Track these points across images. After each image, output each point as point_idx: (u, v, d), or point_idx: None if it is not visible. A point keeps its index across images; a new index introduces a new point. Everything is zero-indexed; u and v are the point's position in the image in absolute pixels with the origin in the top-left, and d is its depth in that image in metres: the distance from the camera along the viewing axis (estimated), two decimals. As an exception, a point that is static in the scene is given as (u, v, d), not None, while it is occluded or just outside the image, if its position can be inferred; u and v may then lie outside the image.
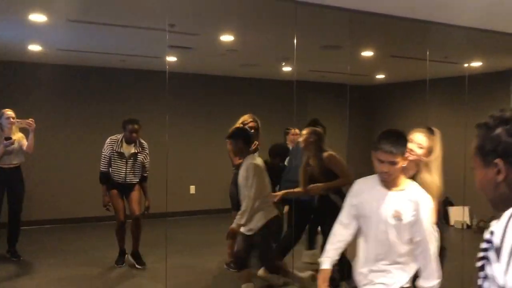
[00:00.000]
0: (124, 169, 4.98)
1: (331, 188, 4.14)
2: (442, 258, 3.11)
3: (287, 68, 6.71)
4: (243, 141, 3.91)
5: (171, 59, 5.76)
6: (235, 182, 4.36)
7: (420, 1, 3.47)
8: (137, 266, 5.00)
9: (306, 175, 4.26)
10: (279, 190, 4.69)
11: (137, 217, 4.97)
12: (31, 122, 4.87)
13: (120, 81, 7.03)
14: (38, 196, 6.36)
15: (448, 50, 5.36)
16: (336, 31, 4.43)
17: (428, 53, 4.65)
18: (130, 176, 5.00)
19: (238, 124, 4.88)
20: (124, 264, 5.09)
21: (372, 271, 2.40)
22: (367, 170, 2.57)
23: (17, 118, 4.92)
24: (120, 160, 4.96)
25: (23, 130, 5.05)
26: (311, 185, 4.18)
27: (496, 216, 4.13)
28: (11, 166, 5.00)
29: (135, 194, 5.03)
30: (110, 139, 5.02)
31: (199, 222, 7.04)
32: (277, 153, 4.99)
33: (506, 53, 5.68)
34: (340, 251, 2.52)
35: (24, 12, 3.87)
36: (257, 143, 4.76)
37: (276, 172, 4.81)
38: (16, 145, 4.95)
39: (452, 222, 7.38)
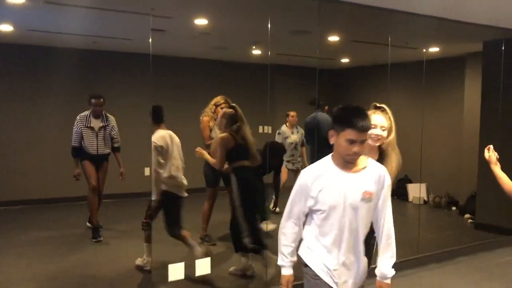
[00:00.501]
0: (96, 142, 5.42)
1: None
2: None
3: (256, 52, 6.94)
4: None
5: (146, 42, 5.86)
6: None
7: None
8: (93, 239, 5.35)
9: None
10: None
11: (100, 191, 5.50)
12: None
13: (91, 62, 7.05)
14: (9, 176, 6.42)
15: (408, 37, 5.72)
16: (305, 17, 4.68)
17: (390, 39, 4.96)
18: (101, 147, 5.46)
19: (211, 105, 5.09)
20: (101, 239, 5.33)
21: (344, 265, 2.19)
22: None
23: None
24: (91, 134, 5.40)
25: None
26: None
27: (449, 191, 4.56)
28: None
29: (103, 170, 5.53)
30: (79, 116, 5.42)
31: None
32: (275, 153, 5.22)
33: (461, 40, 6.09)
34: (295, 250, 2.29)
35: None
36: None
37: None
38: None
39: (410, 198, 7.88)
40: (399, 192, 8.09)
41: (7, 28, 5.49)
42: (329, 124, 2.19)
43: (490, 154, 2.89)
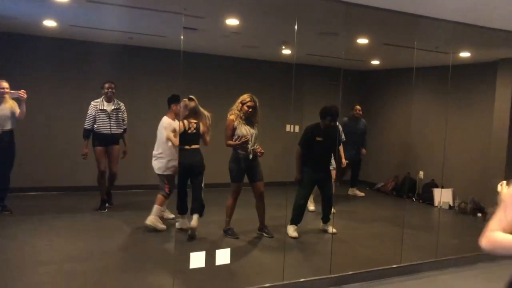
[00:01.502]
0: (109, 123, 6.12)
1: None
2: None
3: (286, 51, 7.06)
4: None
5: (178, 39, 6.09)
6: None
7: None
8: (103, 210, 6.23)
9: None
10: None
11: (113, 173, 6.29)
12: (21, 93, 5.46)
13: (127, 56, 7.34)
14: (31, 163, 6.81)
15: (435, 42, 5.72)
16: (333, 19, 4.78)
17: (415, 42, 5.00)
18: (114, 128, 6.17)
19: (238, 103, 5.26)
20: (106, 210, 6.23)
21: None
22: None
23: (12, 89, 5.53)
24: (104, 116, 6.10)
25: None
26: None
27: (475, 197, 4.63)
28: (5, 130, 5.60)
29: (115, 152, 6.24)
30: (93, 101, 6.13)
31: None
32: (327, 113, 5.50)
33: (492, 45, 6.04)
34: None
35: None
36: (257, 119, 5.26)
37: (329, 131, 5.52)
38: (8, 111, 5.57)
39: (436, 202, 7.84)
40: (425, 197, 8.07)
41: (51, 24, 5.81)
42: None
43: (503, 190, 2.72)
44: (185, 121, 5.25)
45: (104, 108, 6.09)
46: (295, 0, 3.84)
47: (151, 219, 5.33)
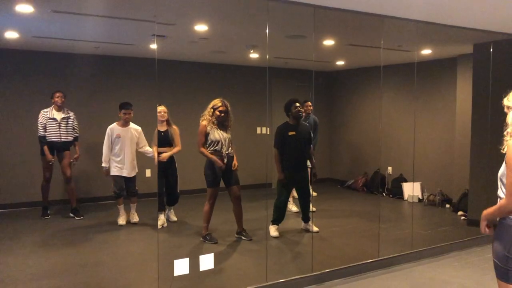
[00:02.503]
0: (59, 131, 6.28)
1: None
2: None
3: (254, 55, 7.13)
4: None
5: (152, 46, 6.09)
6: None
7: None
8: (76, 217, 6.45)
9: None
10: None
11: (68, 178, 6.43)
12: None
13: (93, 66, 7.23)
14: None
15: (401, 40, 5.92)
16: (301, 22, 4.87)
17: (382, 42, 5.16)
18: (64, 136, 6.32)
19: (209, 108, 5.28)
20: (49, 217, 6.47)
21: None
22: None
23: None
24: (54, 124, 6.26)
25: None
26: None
27: (443, 189, 4.84)
28: None
29: (66, 159, 6.40)
30: (43, 110, 6.27)
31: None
32: (291, 102, 5.71)
33: (452, 42, 6.30)
34: None
35: (11, 3, 4.09)
36: (229, 123, 5.30)
37: (301, 126, 5.75)
38: None
39: (406, 196, 8.08)
40: (394, 191, 8.30)
41: (12, 35, 5.65)
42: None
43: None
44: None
45: (54, 116, 6.24)
46: (265, 4, 3.88)
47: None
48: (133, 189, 6.24)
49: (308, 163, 6.06)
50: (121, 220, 6.18)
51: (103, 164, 6.09)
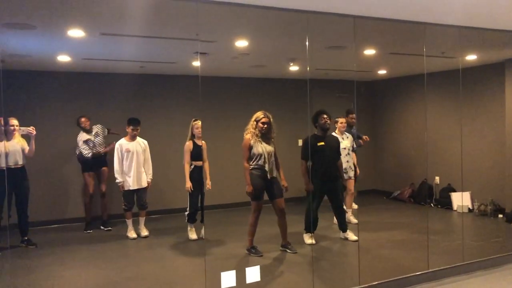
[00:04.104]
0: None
1: None
2: None
3: (294, 68, 7.18)
4: None
5: (194, 64, 6.27)
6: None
7: (415, 6, 3.92)
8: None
9: None
10: None
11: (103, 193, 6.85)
12: (31, 130, 5.62)
13: (139, 85, 7.50)
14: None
15: (443, 47, 5.80)
16: (341, 33, 4.88)
17: (424, 49, 5.08)
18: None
19: (252, 120, 5.35)
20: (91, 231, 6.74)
21: None
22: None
23: (22, 126, 5.67)
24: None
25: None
26: None
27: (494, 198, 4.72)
28: (18, 166, 5.74)
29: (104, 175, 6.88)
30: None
31: (212, 215, 7.51)
32: (318, 113, 5.77)
33: (498, 46, 6.11)
34: None
35: (63, 27, 4.34)
36: (272, 135, 5.36)
37: (329, 137, 5.91)
38: (18, 148, 5.72)
39: (455, 207, 7.81)
40: (442, 202, 8.05)
41: (64, 58, 5.97)
42: None
43: None
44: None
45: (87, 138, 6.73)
46: (305, 16, 3.92)
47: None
48: (143, 202, 6.36)
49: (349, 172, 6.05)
50: (131, 234, 6.33)
51: (117, 180, 6.25)
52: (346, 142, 6.44)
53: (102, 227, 6.84)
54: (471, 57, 6.70)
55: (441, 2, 3.81)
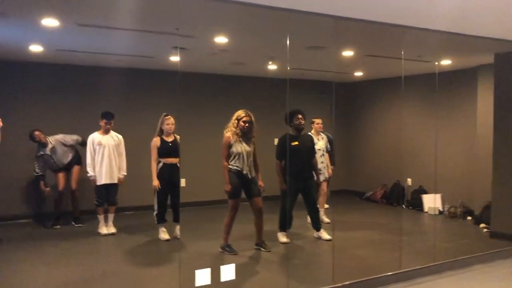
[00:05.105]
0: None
1: None
2: None
3: (273, 67, 7.18)
4: None
5: (172, 59, 6.18)
6: None
7: (395, 9, 3.96)
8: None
9: None
10: None
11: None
12: None
13: (114, 78, 7.34)
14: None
15: (421, 50, 5.90)
16: (321, 33, 4.90)
17: (403, 53, 5.15)
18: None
19: (233, 119, 5.31)
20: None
21: None
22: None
23: None
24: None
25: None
26: None
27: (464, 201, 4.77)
28: None
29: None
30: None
31: (187, 213, 7.43)
32: (293, 113, 5.75)
33: (473, 52, 6.26)
34: None
35: (37, 16, 4.20)
36: (253, 134, 5.32)
37: (303, 136, 5.89)
38: None
39: (426, 208, 7.97)
40: (414, 203, 8.20)
41: (37, 48, 5.79)
42: None
43: None
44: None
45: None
46: (286, 15, 3.91)
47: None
48: (113, 198, 6.23)
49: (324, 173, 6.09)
50: (102, 230, 6.18)
51: (89, 174, 6.09)
52: (321, 143, 6.50)
53: (73, 223, 6.69)
54: (446, 62, 6.84)
55: (419, 7, 3.87)
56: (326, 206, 6.89)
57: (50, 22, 4.34)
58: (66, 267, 4.91)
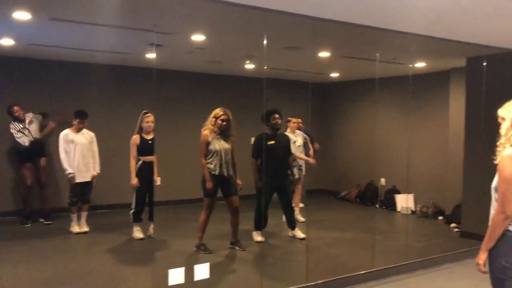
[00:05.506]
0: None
1: None
2: None
3: (250, 66, 7.17)
4: None
5: (148, 56, 6.10)
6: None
7: (372, 12, 4.01)
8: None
9: None
10: None
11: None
12: None
13: (87, 74, 7.21)
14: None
15: (396, 53, 5.98)
16: (299, 34, 4.91)
17: (378, 55, 5.22)
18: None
19: (211, 117, 5.28)
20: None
21: None
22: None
23: None
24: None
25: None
26: None
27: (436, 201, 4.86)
28: None
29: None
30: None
31: (162, 212, 7.36)
32: (270, 112, 5.79)
33: (446, 55, 6.38)
34: None
35: (8, 9, 4.08)
36: (231, 132, 5.30)
37: (280, 136, 5.97)
38: None
39: (398, 208, 8.10)
40: (387, 203, 8.33)
41: (8, 42, 5.64)
42: None
43: None
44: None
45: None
46: (263, 14, 3.91)
47: None
48: (86, 196, 6.12)
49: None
50: (75, 228, 6.07)
51: (68, 171, 5.94)
52: (299, 140, 6.64)
53: (42, 220, 6.54)
54: (420, 65, 6.96)
55: (395, 10, 3.92)
56: (301, 205, 6.95)
57: (21, 15, 4.22)
58: (35, 266, 4.80)
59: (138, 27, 4.52)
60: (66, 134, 6.00)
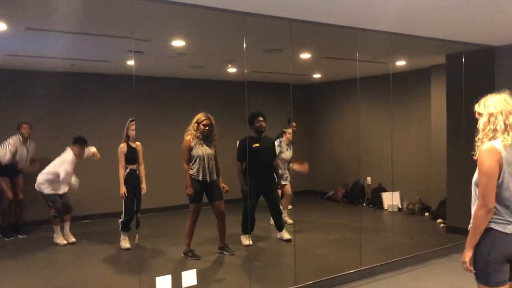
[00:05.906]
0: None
1: None
2: None
3: (232, 70, 7.17)
4: None
5: (129, 63, 6.06)
6: None
7: (349, 12, 4.04)
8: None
9: None
10: None
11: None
12: None
13: (68, 84, 7.13)
14: None
15: (375, 52, 6.03)
16: (277, 36, 4.93)
17: (357, 54, 5.25)
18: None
19: (193, 122, 5.26)
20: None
21: None
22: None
23: None
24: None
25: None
26: None
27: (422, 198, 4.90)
28: None
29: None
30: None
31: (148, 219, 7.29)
32: (254, 115, 5.81)
33: (426, 53, 6.46)
34: None
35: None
36: (214, 137, 5.28)
37: (264, 139, 5.95)
38: None
39: (385, 206, 8.15)
40: (374, 201, 8.38)
41: (-16, 53, 5.56)
42: None
43: None
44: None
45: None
46: (242, 18, 3.91)
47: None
48: (68, 206, 6.04)
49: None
50: (61, 240, 5.99)
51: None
52: (289, 154, 6.63)
53: (15, 234, 6.42)
54: (401, 63, 7.03)
55: (372, 9, 3.95)
56: (290, 207, 6.95)
57: (-3, 26, 4.17)
58: (21, 280, 4.72)
59: (116, 34, 4.49)
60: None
